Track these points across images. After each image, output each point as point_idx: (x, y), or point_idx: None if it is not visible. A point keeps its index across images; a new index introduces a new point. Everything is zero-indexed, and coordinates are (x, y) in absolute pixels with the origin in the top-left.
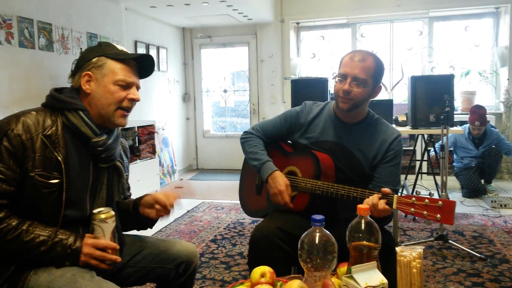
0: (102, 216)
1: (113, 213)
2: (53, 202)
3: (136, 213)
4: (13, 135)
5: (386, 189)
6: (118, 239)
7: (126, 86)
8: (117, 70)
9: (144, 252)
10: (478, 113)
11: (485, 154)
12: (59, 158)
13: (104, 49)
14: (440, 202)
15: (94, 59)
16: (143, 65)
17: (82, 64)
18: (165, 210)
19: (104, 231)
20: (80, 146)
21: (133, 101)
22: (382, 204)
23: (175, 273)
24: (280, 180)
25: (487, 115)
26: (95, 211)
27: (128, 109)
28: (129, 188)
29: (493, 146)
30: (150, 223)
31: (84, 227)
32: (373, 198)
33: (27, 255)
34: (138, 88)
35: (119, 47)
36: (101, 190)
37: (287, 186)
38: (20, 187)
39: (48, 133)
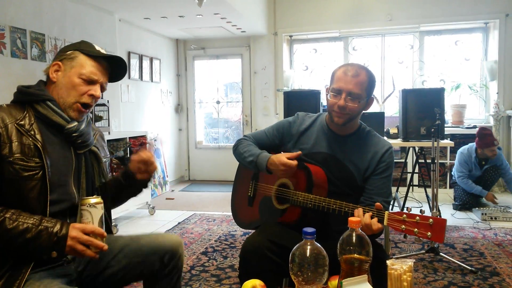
0: (92, 201)
1: (102, 200)
2: (36, 187)
3: (131, 181)
4: None
5: (379, 204)
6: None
7: (90, 82)
8: (86, 65)
9: (126, 249)
10: (489, 134)
11: (484, 172)
12: (37, 144)
13: (81, 45)
14: (431, 220)
15: (69, 52)
16: (116, 69)
17: (57, 55)
18: (151, 166)
19: (92, 217)
20: (57, 134)
21: (93, 98)
22: (375, 224)
23: (160, 264)
24: (278, 161)
25: (491, 134)
26: (84, 197)
27: (86, 106)
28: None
29: (496, 165)
30: (146, 182)
31: (71, 217)
32: (366, 219)
33: (12, 243)
34: (103, 88)
35: (98, 48)
36: (82, 177)
37: (287, 162)
38: (0, 175)
39: (21, 122)
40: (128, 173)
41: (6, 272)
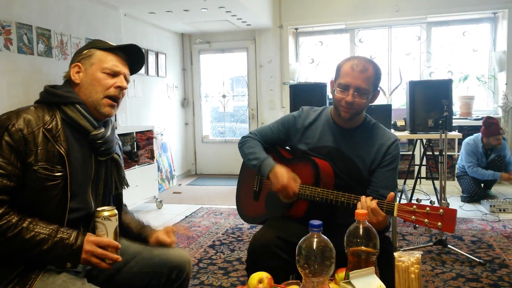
0: (106, 213)
1: (116, 211)
2: (57, 196)
3: (142, 239)
4: (14, 129)
5: (392, 194)
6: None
7: (114, 74)
8: (105, 59)
9: (137, 258)
10: (495, 123)
11: (490, 162)
12: (62, 152)
13: (95, 43)
14: (441, 210)
15: (85, 51)
16: (133, 59)
17: (74, 57)
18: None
19: (107, 229)
20: (80, 140)
21: (121, 89)
22: (382, 214)
23: (167, 279)
24: (282, 173)
25: (497, 122)
26: (98, 208)
27: (115, 99)
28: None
29: (500, 155)
30: None
31: (85, 225)
32: (372, 204)
33: (29, 253)
34: (126, 79)
35: (111, 44)
36: (100, 184)
37: (290, 178)
38: (21, 183)
39: (49, 127)
40: (144, 239)
41: (19, 273)
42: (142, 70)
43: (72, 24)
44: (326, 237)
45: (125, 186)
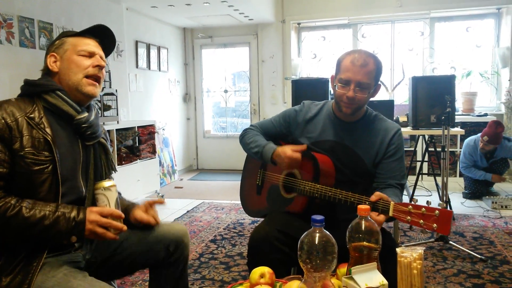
0: (106, 184)
1: (115, 182)
2: (47, 180)
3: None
4: None
5: (375, 196)
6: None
7: (89, 55)
8: (77, 43)
9: (131, 238)
10: (493, 129)
11: (492, 164)
12: (47, 137)
13: (65, 33)
14: (436, 212)
15: (57, 42)
16: (105, 43)
17: (47, 50)
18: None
19: (108, 200)
20: (65, 126)
21: (99, 68)
22: (382, 217)
23: (165, 254)
24: (284, 152)
25: (502, 135)
26: (97, 182)
27: (96, 78)
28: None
29: (504, 157)
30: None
31: None
32: (380, 218)
33: (31, 231)
34: (103, 60)
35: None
36: (90, 168)
37: (292, 155)
38: (12, 169)
39: (31, 115)
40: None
41: (20, 262)
42: (144, 65)
43: (74, 18)
44: (328, 232)
45: (113, 171)
